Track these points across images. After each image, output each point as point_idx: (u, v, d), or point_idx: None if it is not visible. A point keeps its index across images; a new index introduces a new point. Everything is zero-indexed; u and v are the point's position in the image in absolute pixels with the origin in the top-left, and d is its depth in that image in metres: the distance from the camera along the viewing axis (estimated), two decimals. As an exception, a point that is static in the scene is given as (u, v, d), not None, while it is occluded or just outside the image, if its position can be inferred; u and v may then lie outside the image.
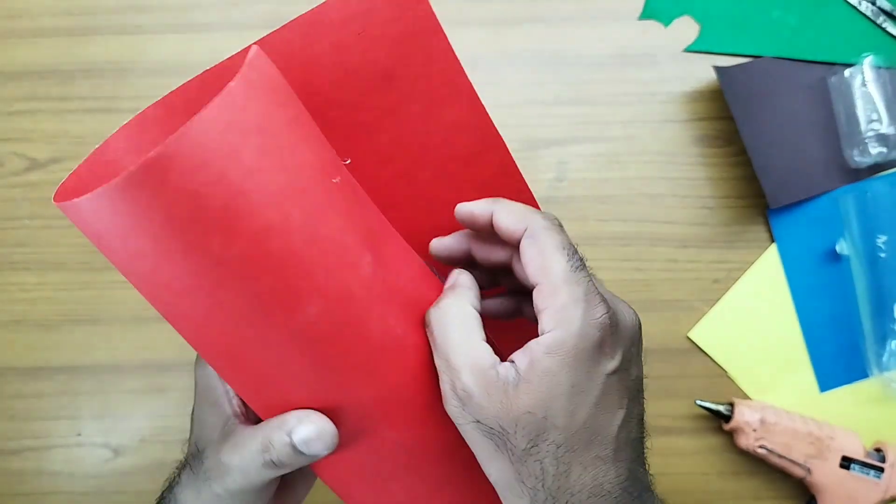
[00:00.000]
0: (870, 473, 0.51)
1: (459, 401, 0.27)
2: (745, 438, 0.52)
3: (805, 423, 0.52)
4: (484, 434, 0.27)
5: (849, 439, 0.52)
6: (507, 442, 0.27)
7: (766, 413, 0.52)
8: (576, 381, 0.27)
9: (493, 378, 0.27)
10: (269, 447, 0.29)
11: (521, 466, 0.27)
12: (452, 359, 0.27)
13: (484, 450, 0.27)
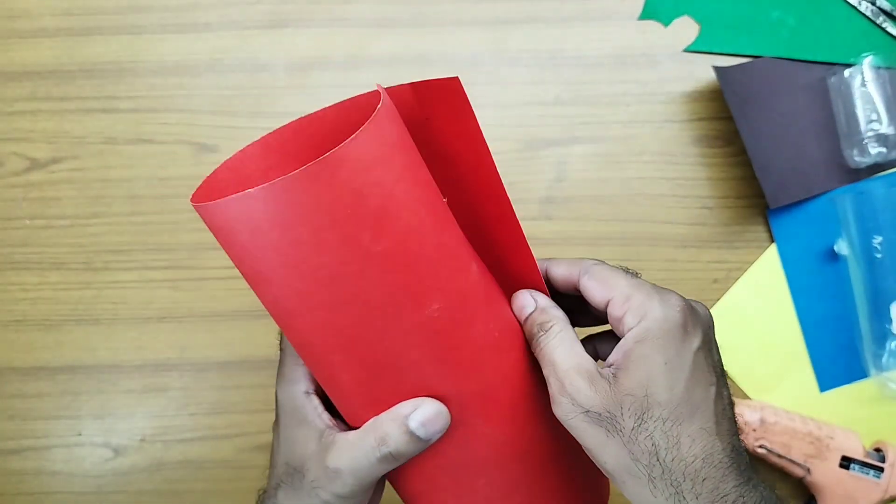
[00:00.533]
0: (869, 473, 0.51)
1: (569, 397, 0.30)
2: (744, 438, 0.52)
3: (805, 423, 0.52)
4: (594, 422, 0.29)
5: (848, 439, 0.52)
6: (616, 424, 0.29)
7: (765, 413, 0.52)
8: (668, 359, 0.30)
9: (596, 375, 0.30)
10: (385, 439, 0.30)
11: (633, 446, 0.29)
12: (560, 365, 0.31)
13: (595, 438, 0.30)
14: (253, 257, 0.30)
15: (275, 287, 0.30)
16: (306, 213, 0.27)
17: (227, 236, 0.30)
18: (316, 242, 0.28)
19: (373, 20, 0.57)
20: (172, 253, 0.57)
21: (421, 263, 0.29)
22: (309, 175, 0.27)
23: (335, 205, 0.27)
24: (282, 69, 0.57)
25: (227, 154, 0.57)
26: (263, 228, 0.28)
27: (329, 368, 0.32)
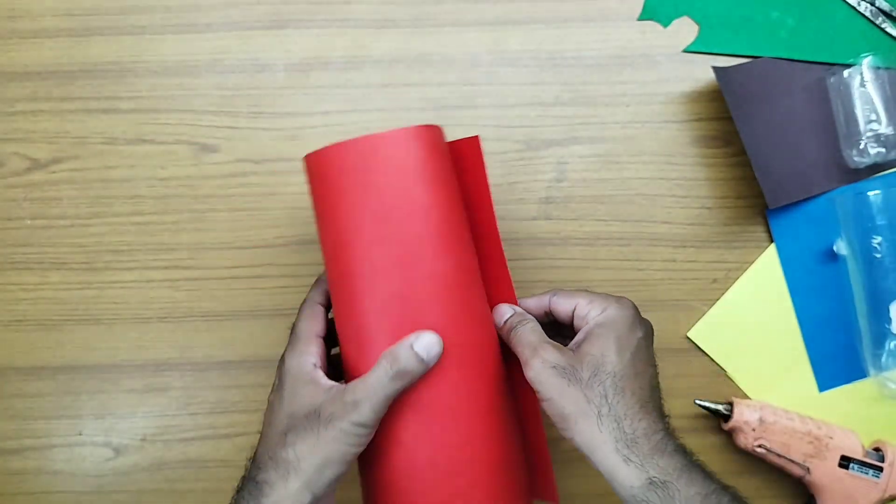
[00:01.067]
0: (868, 473, 0.51)
1: (540, 359, 0.39)
2: (743, 438, 0.52)
3: (804, 423, 0.52)
4: (558, 374, 0.38)
5: (848, 439, 0.52)
6: (575, 374, 0.38)
7: (764, 412, 0.52)
8: (619, 336, 0.40)
9: (561, 347, 0.40)
10: (396, 359, 0.38)
11: (588, 391, 0.38)
12: (533, 341, 0.40)
13: (558, 386, 0.38)
14: (342, 194, 0.40)
15: (342, 221, 0.40)
16: (418, 163, 0.40)
17: (331, 176, 0.40)
18: (396, 188, 0.39)
19: (373, 20, 0.57)
20: (173, 253, 0.57)
21: (445, 227, 0.41)
22: (423, 129, 0.41)
23: (428, 161, 0.41)
24: (282, 69, 0.57)
25: (228, 154, 0.58)
26: (380, 171, 0.40)
27: (357, 295, 0.40)
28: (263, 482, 0.38)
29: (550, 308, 0.44)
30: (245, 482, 0.39)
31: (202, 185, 0.57)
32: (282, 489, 0.37)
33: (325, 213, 0.41)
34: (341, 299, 0.41)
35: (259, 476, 0.38)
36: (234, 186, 0.57)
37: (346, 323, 0.41)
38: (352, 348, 0.41)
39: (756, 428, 0.52)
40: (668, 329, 0.56)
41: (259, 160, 0.57)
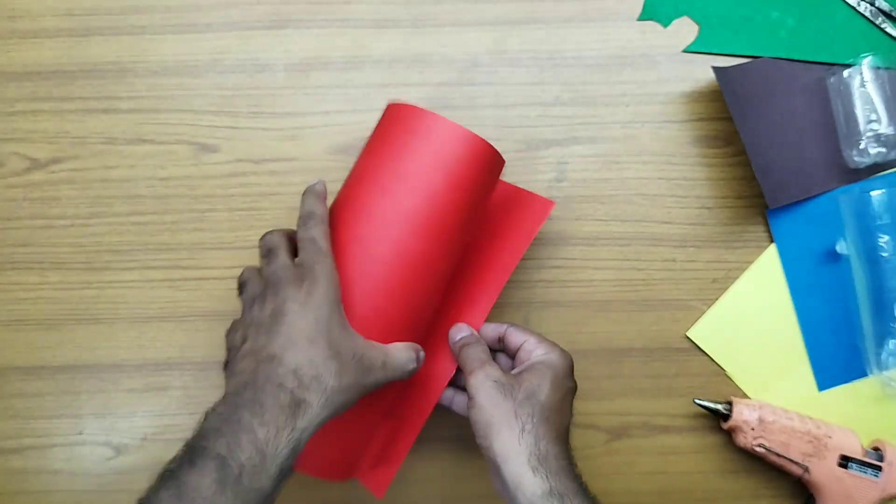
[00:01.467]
0: (868, 472, 0.51)
1: (484, 374, 0.45)
2: (743, 437, 0.53)
3: (803, 422, 0.52)
4: (498, 387, 0.44)
5: (847, 438, 0.52)
6: (511, 392, 0.44)
7: (764, 412, 0.52)
8: (555, 377, 0.46)
9: (505, 370, 0.46)
10: (419, 361, 0.46)
11: (518, 408, 0.43)
12: (481, 360, 0.46)
13: (492, 397, 0.44)
14: (385, 141, 0.46)
15: (369, 159, 0.47)
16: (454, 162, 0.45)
17: (390, 122, 0.47)
18: (422, 166, 0.45)
19: (373, 20, 0.57)
20: (172, 253, 0.57)
21: (436, 223, 0.45)
22: (480, 145, 0.46)
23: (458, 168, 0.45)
24: (282, 69, 0.57)
25: (228, 154, 0.58)
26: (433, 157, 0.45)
27: (341, 221, 0.46)
28: (305, 402, 0.38)
29: (504, 337, 0.49)
30: (278, 388, 0.38)
31: (202, 185, 0.57)
32: (314, 415, 0.38)
33: (368, 147, 0.48)
34: (332, 217, 0.47)
35: (303, 395, 0.38)
36: (234, 186, 0.57)
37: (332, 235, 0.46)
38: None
39: (755, 427, 0.52)
40: (668, 329, 0.56)
41: (259, 160, 0.57)
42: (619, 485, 0.56)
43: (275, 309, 0.41)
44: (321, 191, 0.46)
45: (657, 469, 0.56)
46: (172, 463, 0.36)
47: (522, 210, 0.52)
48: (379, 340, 0.44)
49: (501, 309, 0.56)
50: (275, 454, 0.36)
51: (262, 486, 0.36)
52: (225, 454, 0.35)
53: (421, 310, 0.47)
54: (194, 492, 0.34)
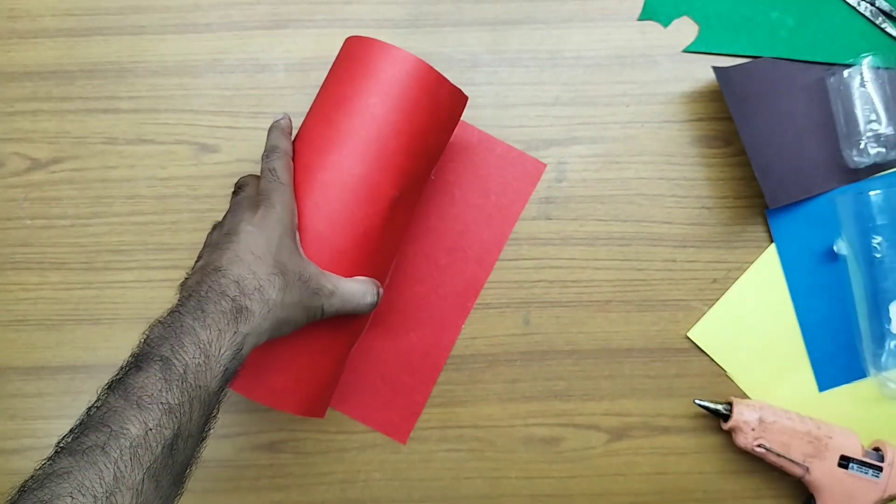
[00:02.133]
0: (868, 473, 0.51)
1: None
2: (743, 437, 0.52)
3: (803, 423, 0.52)
4: None
5: (847, 438, 0.52)
6: None
7: (764, 412, 0.52)
8: None
9: None
10: (376, 294, 0.47)
11: None
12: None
13: None
14: (334, 72, 0.48)
15: (323, 90, 0.48)
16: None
17: (341, 56, 0.48)
18: (366, 91, 0.46)
19: (373, 20, 0.57)
20: (173, 253, 0.57)
21: (375, 147, 0.46)
22: (424, 70, 0.46)
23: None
24: (282, 69, 0.57)
25: (228, 154, 0.58)
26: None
27: (297, 143, 0.48)
28: (247, 309, 0.39)
29: None
30: (220, 295, 0.39)
31: (202, 185, 0.57)
32: (256, 324, 0.39)
33: (324, 82, 0.49)
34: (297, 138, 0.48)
35: (244, 302, 0.39)
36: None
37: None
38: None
39: (756, 428, 0.52)
40: (668, 329, 0.56)
41: (259, 160, 0.57)
42: (620, 485, 0.56)
43: (229, 229, 0.43)
44: (286, 125, 0.48)
45: (657, 469, 0.56)
46: (118, 373, 0.37)
47: (515, 168, 0.56)
48: (339, 274, 0.45)
49: (501, 309, 0.56)
50: (218, 355, 0.37)
51: (208, 385, 0.37)
52: (168, 355, 0.36)
53: (372, 240, 0.47)
54: (140, 390, 0.35)
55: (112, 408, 0.34)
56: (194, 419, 0.36)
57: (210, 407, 0.38)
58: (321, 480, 0.57)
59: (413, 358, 0.56)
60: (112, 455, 0.33)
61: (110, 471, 0.32)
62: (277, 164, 0.45)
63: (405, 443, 0.56)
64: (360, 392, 0.56)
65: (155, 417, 0.34)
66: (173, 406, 0.35)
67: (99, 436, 0.33)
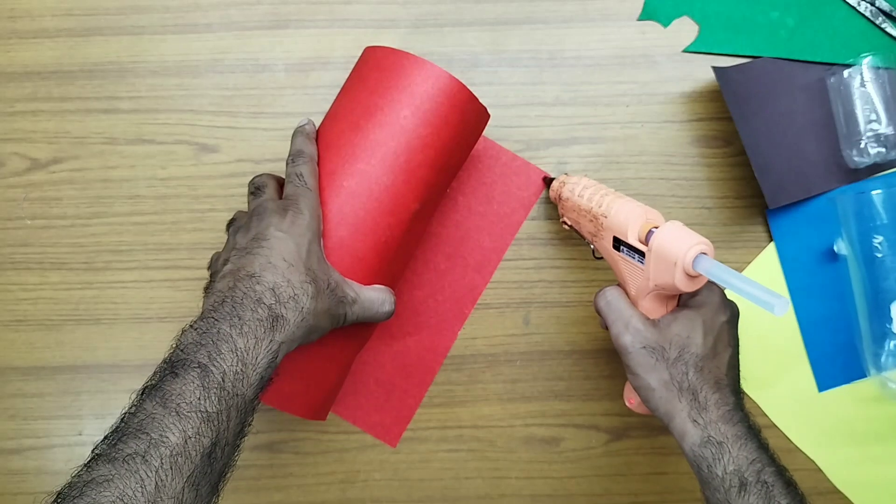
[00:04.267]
0: (635, 258, 0.44)
1: (631, 334, 0.44)
2: (560, 216, 0.52)
3: (590, 199, 0.48)
4: (648, 353, 0.43)
5: (620, 217, 0.45)
6: (663, 354, 0.43)
7: (565, 188, 0.50)
8: (705, 321, 0.44)
9: (651, 322, 0.45)
10: (392, 303, 0.47)
11: (672, 369, 0.43)
12: (625, 313, 0.45)
13: (646, 364, 0.43)
14: (362, 80, 0.48)
15: (345, 96, 0.48)
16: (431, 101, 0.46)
17: (366, 65, 0.48)
18: (395, 104, 0.46)
19: (373, 20, 0.57)
20: (173, 253, 0.57)
21: (403, 159, 0.46)
22: (456, 87, 0.47)
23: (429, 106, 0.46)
24: (282, 69, 0.57)
25: (228, 154, 0.58)
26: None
27: (322, 147, 0.47)
28: (283, 318, 0.39)
29: None
30: (257, 303, 0.39)
31: (202, 185, 0.57)
32: (290, 332, 0.39)
33: (344, 87, 0.49)
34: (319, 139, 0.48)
35: (280, 310, 0.39)
36: (234, 186, 0.57)
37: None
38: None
39: (559, 204, 0.51)
40: (667, 329, 0.56)
41: (259, 160, 0.57)
42: (620, 485, 0.56)
43: (257, 234, 0.42)
44: (311, 130, 0.48)
45: (657, 469, 0.56)
46: (153, 378, 0.36)
47: (519, 177, 0.56)
48: (358, 282, 0.45)
49: (501, 309, 0.56)
50: (255, 363, 0.37)
51: (245, 393, 0.36)
52: (206, 362, 0.36)
53: (392, 249, 0.47)
54: (179, 397, 0.34)
55: (150, 415, 0.34)
56: (231, 427, 0.36)
57: (246, 415, 0.37)
58: (321, 480, 0.57)
59: (408, 362, 0.56)
60: (153, 464, 0.32)
61: (152, 480, 0.32)
62: (304, 170, 0.45)
63: (395, 446, 0.56)
64: (353, 394, 0.56)
65: (194, 426, 0.34)
66: (212, 414, 0.35)
67: (139, 444, 0.33)
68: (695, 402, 0.42)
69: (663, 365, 0.43)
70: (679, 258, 0.41)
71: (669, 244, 0.42)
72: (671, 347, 0.43)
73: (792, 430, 0.56)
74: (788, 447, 0.56)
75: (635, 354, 0.43)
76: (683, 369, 0.43)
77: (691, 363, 0.43)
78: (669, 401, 0.42)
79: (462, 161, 0.50)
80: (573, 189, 0.50)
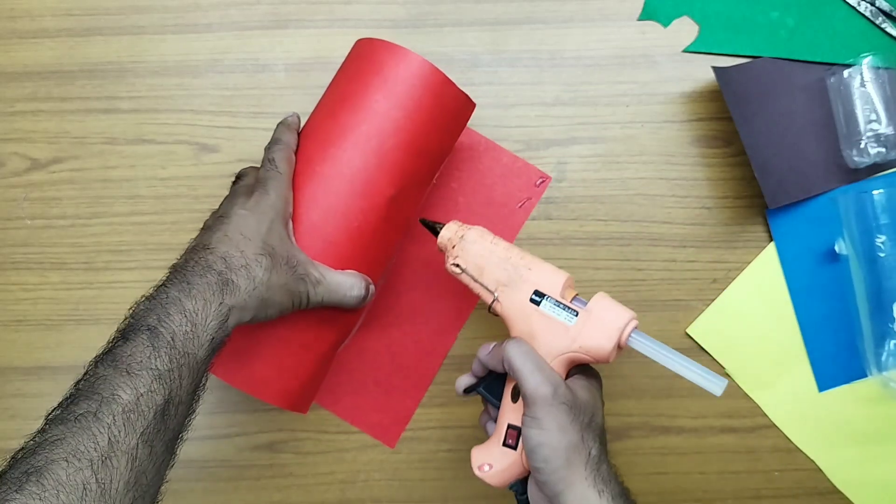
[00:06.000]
0: (562, 315, 0.43)
1: (553, 387, 0.41)
2: (446, 259, 0.47)
3: (508, 250, 0.46)
4: (567, 410, 0.41)
5: (550, 276, 0.44)
6: (578, 417, 0.41)
7: (470, 233, 0.47)
8: (600, 393, 0.45)
9: (563, 383, 0.43)
10: (365, 287, 0.47)
11: (585, 433, 0.41)
12: (544, 365, 0.42)
13: (562, 421, 0.41)
14: (343, 71, 0.49)
15: (331, 87, 0.49)
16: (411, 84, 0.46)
17: (349, 58, 0.49)
18: (371, 90, 0.46)
19: (373, 20, 0.57)
20: (173, 253, 0.56)
21: (374, 143, 0.46)
22: (433, 74, 0.47)
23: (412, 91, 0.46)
24: (282, 69, 0.57)
25: (228, 154, 0.58)
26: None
27: (302, 137, 0.48)
28: (232, 282, 0.40)
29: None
30: (206, 269, 0.39)
31: (202, 185, 0.57)
32: (241, 299, 0.40)
33: (332, 80, 0.50)
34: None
35: (230, 275, 0.40)
36: (234, 186, 0.57)
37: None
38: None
39: (456, 245, 0.47)
40: (667, 329, 0.56)
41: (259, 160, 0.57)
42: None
43: (222, 213, 0.43)
44: (293, 122, 0.49)
45: (657, 469, 0.56)
46: (105, 346, 0.37)
47: (520, 178, 0.56)
48: (330, 266, 0.46)
49: (501, 309, 0.56)
50: (204, 324, 0.38)
51: (195, 353, 0.37)
52: (155, 324, 0.36)
53: (366, 235, 0.47)
54: (129, 358, 0.35)
55: (101, 377, 0.35)
56: (184, 386, 0.36)
57: (199, 375, 0.38)
58: (321, 480, 0.57)
59: (407, 363, 0.57)
60: (105, 421, 0.33)
61: (104, 436, 0.33)
62: (277, 155, 0.46)
63: (393, 447, 0.56)
64: (352, 394, 0.56)
65: (145, 383, 0.35)
66: (163, 372, 0.35)
67: (90, 403, 0.34)
68: (598, 472, 0.41)
69: (577, 427, 0.41)
70: (619, 328, 0.42)
71: (610, 312, 0.42)
72: (583, 412, 0.42)
73: (792, 430, 0.56)
74: (788, 447, 0.56)
75: (555, 409, 0.41)
76: (592, 436, 0.41)
77: (597, 432, 0.42)
78: (571, 466, 0.40)
79: (445, 148, 0.50)
80: (482, 235, 0.47)
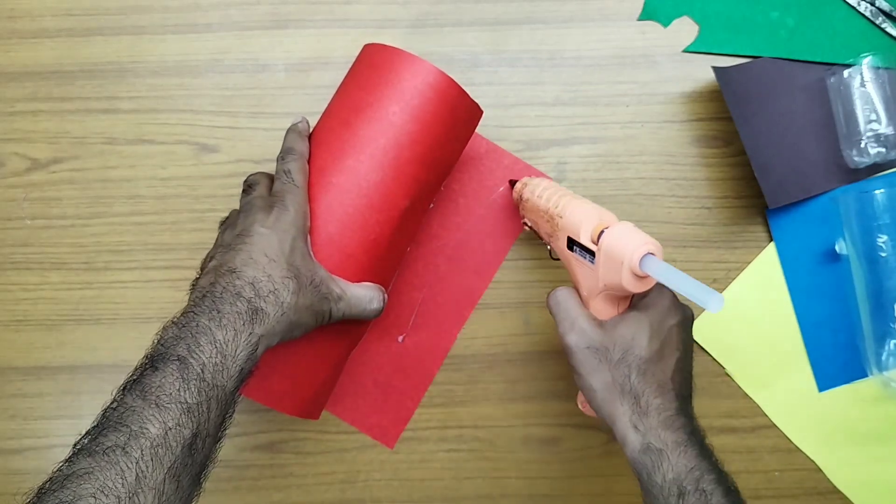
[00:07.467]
0: (586, 257, 0.44)
1: (577, 334, 0.43)
2: (521, 217, 0.52)
3: (547, 200, 0.48)
4: (592, 354, 0.43)
5: (574, 218, 0.45)
6: (606, 355, 0.42)
7: (526, 189, 0.50)
8: (652, 323, 0.43)
9: (598, 322, 0.44)
10: (381, 301, 0.46)
11: (615, 371, 0.42)
12: (572, 313, 0.44)
13: (589, 364, 0.43)
14: (353, 76, 0.48)
15: (338, 94, 0.49)
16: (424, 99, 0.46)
17: (359, 62, 0.49)
18: (384, 100, 0.46)
19: (373, 20, 0.57)
20: (173, 253, 0.57)
21: (391, 156, 0.46)
22: (446, 84, 0.46)
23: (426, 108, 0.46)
24: (282, 69, 0.57)
25: (228, 154, 0.58)
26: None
27: (313, 146, 0.48)
28: (262, 311, 0.39)
29: None
30: (236, 296, 0.39)
31: (202, 185, 0.57)
32: (270, 326, 0.39)
33: (340, 86, 0.49)
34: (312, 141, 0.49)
35: (260, 304, 0.39)
36: (234, 186, 0.57)
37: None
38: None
39: (519, 204, 0.51)
40: (667, 329, 0.56)
41: (259, 160, 0.57)
42: (620, 485, 0.56)
43: (242, 230, 0.42)
44: (304, 128, 0.48)
45: (657, 469, 0.56)
46: (134, 373, 0.36)
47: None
48: (346, 279, 0.45)
49: (501, 309, 0.56)
50: (234, 354, 0.37)
51: (225, 385, 0.37)
52: (185, 355, 0.36)
53: (381, 247, 0.47)
54: (158, 389, 0.35)
55: (130, 408, 0.34)
56: (212, 419, 0.36)
57: (227, 407, 0.38)
58: (321, 480, 0.57)
59: (407, 363, 0.57)
60: (133, 455, 0.33)
61: (132, 471, 0.32)
62: (293, 167, 0.45)
63: (392, 447, 0.56)
64: (351, 394, 0.56)
65: (174, 417, 0.34)
66: (192, 405, 0.35)
67: (118, 436, 0.33)
68: (636, 406, 0.41)
69: (606, 366, 0.42)
70: (626, 258, 0.41)
71: (618, 244, 0.41)
72: (615, 349, 0.42)
73: (792, 430, 0.56)
74: (788, 447, 0.56)
75: (579, 354, 0.43)
76: (626, 372, 0.42)
77: (634, 366, 0.42)
78: (611, 403, 0.42)
79: (454, 158, 0.50)
80: (533, 190, 0.50)
